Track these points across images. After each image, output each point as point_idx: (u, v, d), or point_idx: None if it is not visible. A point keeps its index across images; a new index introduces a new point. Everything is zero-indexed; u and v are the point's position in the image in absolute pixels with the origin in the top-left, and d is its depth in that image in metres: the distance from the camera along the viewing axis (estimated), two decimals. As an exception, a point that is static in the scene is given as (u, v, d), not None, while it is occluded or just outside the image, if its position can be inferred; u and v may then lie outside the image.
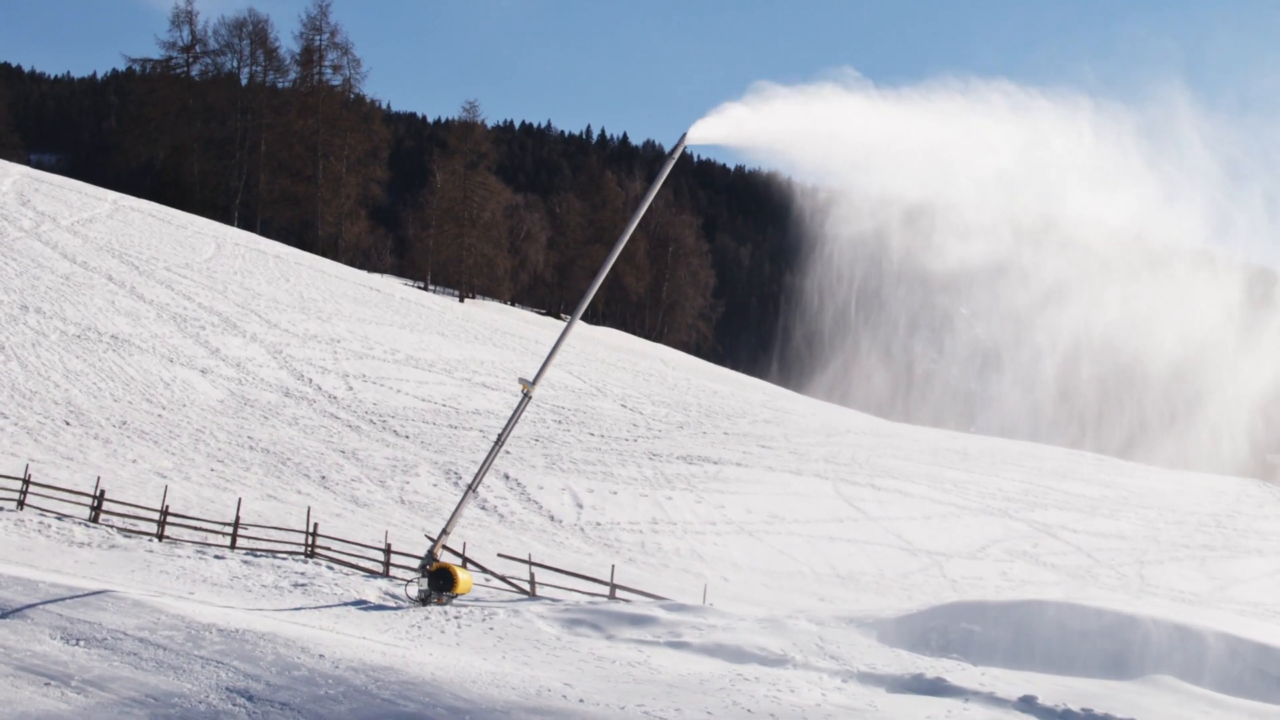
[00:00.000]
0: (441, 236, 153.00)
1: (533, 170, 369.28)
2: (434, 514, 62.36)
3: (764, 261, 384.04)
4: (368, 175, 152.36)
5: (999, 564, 67.58)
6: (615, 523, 64.54)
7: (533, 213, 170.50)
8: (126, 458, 63.06)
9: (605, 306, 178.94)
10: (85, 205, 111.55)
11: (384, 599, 35.96)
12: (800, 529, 67.68)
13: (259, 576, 37.03)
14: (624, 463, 73.83)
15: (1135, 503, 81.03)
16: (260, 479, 63.27)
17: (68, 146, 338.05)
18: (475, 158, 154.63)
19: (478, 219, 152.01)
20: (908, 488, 76.14)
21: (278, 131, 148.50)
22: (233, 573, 37.27)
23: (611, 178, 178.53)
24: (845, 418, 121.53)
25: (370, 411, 78.49)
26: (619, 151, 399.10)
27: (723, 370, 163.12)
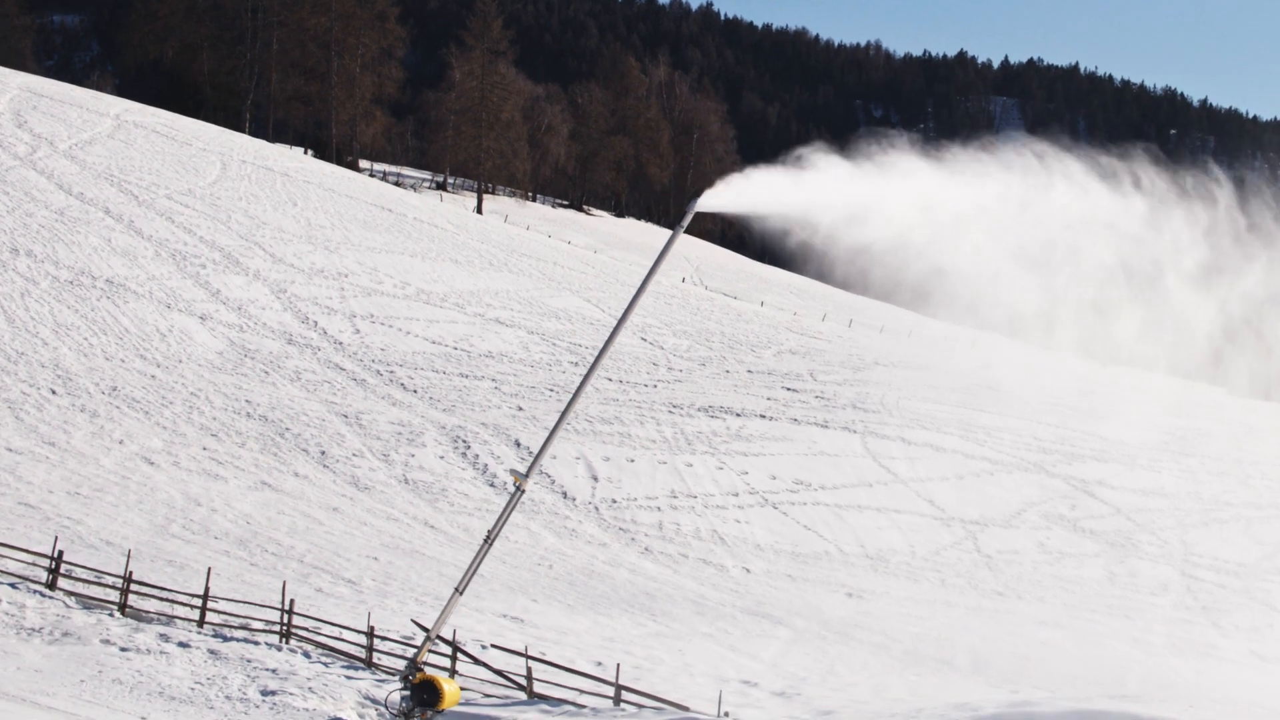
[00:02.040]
0: (459, 138, 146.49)
1: (558, 31, 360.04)
2: (439, 495, 57.40)
3: (791, 121, 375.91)
4: (383, 74, 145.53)
5: (1036, 532, 62.43)
6: (632, 499, 59.44)
7: (554, 105, 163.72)
8: (113, 437, 58.01)
9: (629, 196, 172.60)
10: (86, 123, 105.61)
11: (363, 713, 30.84)
12: (827, 497, 62.51)
13: (224, 680, 31.99)
14: (642, 419, 68.56)
15: (1175, 448, 75.51)
16: (255, 459, 58.20)
17: (89, 6, 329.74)
18: (493, 56, 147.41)
19: (496, 120, 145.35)
20: (939, 440, 70.78)
21: (290, 29, 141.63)
22: (196, 675, 32.23)
23: (634, 64, 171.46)
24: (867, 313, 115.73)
25: (377, 360, 73.23)
26: (646, 10, 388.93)
27: (746, 264, 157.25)
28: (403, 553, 49.35)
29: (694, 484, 61.88)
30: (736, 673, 38.05)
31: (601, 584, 49.24)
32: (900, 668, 42.59)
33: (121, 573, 39.14)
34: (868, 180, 20.03)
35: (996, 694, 37.55)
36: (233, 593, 40.48)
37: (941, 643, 47.09)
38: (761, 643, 43.48)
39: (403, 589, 44.16)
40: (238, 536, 47.74)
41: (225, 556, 45.16)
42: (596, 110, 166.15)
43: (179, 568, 42.68)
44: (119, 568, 40.96)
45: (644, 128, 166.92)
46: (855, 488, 64.13)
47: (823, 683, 37.25)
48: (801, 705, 33.49)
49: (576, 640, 39.78)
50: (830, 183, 19.80)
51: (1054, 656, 46.96)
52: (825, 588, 53.47)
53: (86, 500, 49.08)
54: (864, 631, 47.25)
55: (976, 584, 56.60)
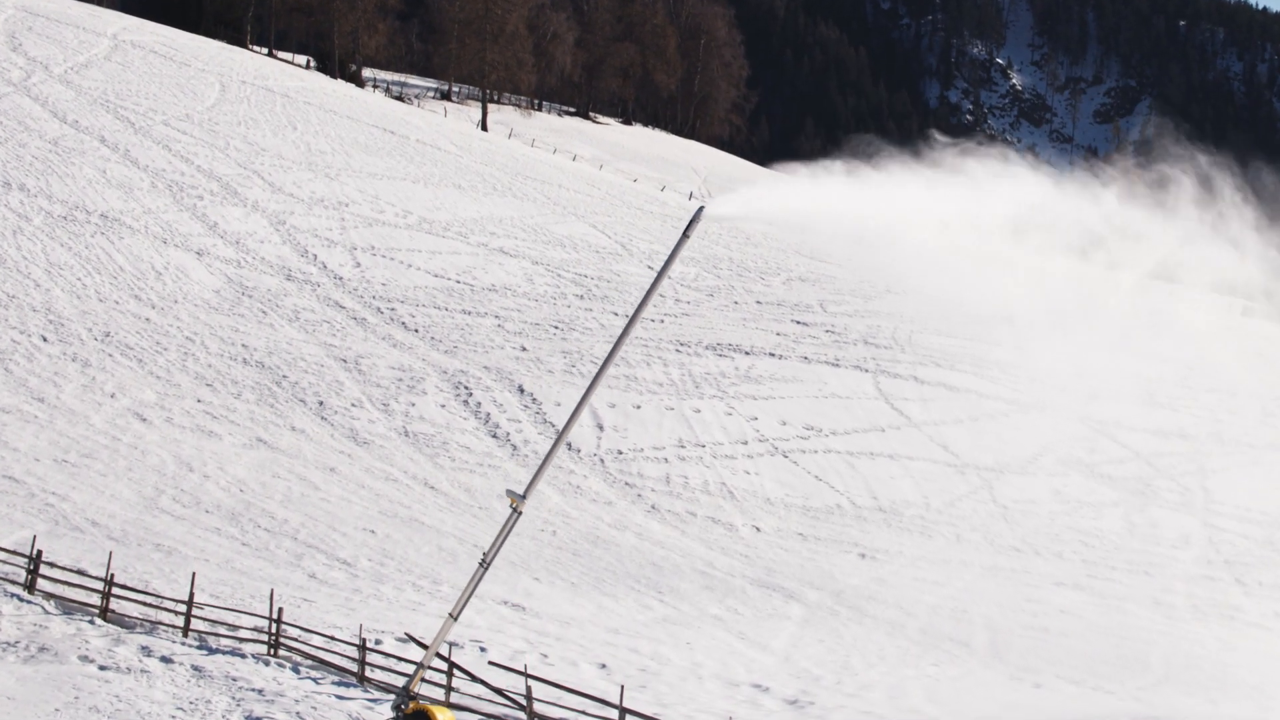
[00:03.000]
0: (463, 50, 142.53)
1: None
2: (440, 450, 55.06)
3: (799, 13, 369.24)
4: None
5: (1052, 479, 60.02)
6: (638, 449, 57.01)
7: (559, 13, 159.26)
8: (105, 390, 55.58)
9: (636, 103, 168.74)
10: (83, 45, 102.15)
11: (349, 740, 28.58)
12: (838, 444, 60.05)
13: (208, 705, 29.66)
14: (649, 359, 65.96)
15: (1195, 384, 72.83)
16: (251, 411, 55.78)
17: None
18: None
19: (500, 32, 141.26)
20: (952, 379, 68.16)
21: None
22: (178, 698, 29.89)
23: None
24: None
25: (378, 296, 70.56)
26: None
27: (754, 171, 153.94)
28: (401, 522, 47.02)
29: (702, 432, 59.41)
30: (746, 672, 35.73)
31: (606, 553, 46.91)
32: (918, 653, 40.30)
33: (105, 564, 36.82)
34: (873, 191, 19.08)
35: (1018, 697, 35.23)
36: (222, 582, 38.19)
37: (958, 616, 44.82)
38: (772, 626, 41.18)
39: (400, 570, 41.84)
40: (229, 509, 45.37)
41: (216, 535, 42.81)
42: (602, 17, 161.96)
43: (166, 553, 40.34)
44: (104, 555, 38.65)
45: (650, 34, 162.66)
46: (867, 433, 61.65)
47: (837, 685, 34.94)
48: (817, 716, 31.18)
49: (580, 634, 37.45)
50: (836, 195, 19.03)
51: (1074, 628, 44.70)
52: (837, 548, 51.14)
53: (74, 470, 46.67)
54: (878, 604, 44.96)
55: (992, 539, 54.26)
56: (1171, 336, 75.31)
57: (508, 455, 55.66)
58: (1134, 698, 37.33)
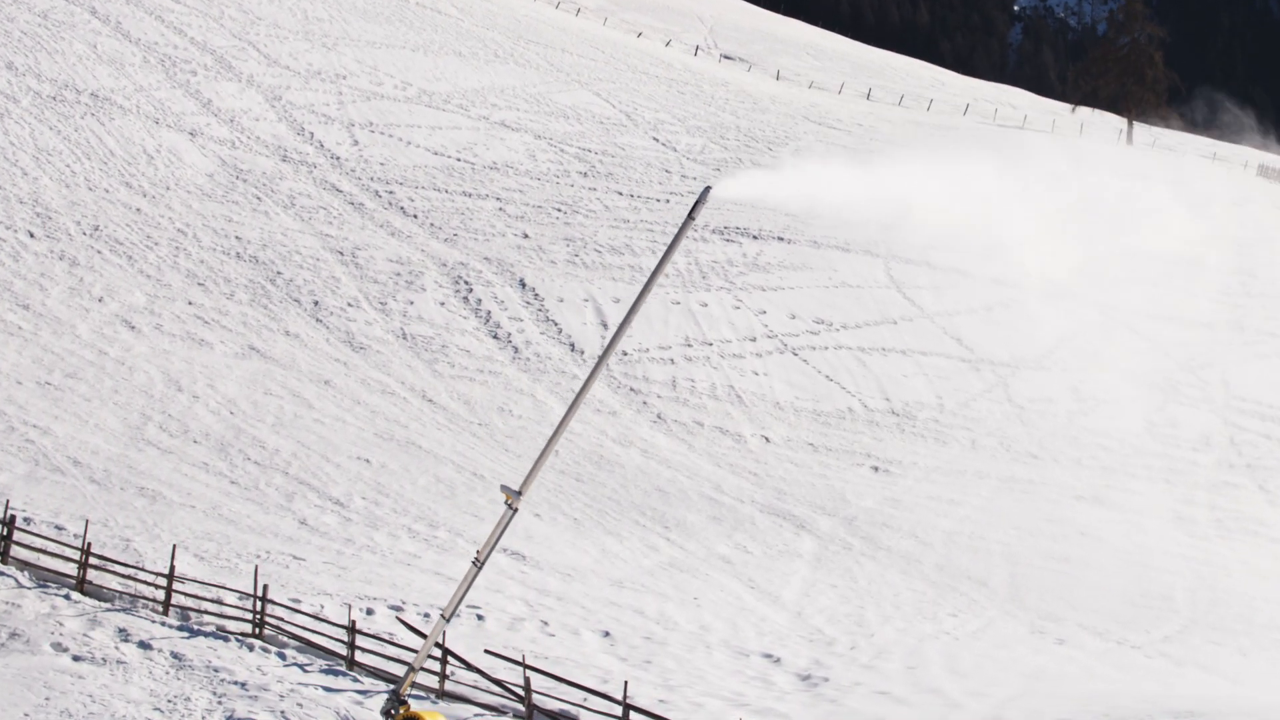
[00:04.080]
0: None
1: None
2: (439, 354, 52.26)
3: None
4: None
5: (1069, 376, 57.26)
6: (644, 350, 54.16)
7: None
8: (93, 294, 52.70)
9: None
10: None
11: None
12: (849, 339, 57.14)
13: (187, 704, 27.17)
14: (654, 246, 62.82)
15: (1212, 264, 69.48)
16: (244, 314, 52.89)
17: None
18: None
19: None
20: (963, 263, 64.82)
21: None
22: (155, 695, 27.47)
23: None
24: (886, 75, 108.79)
25: (376, 177, 67.15)
26: None
27: (762, 20, 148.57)
28: (397, 446, 44.33)
29: (709, 328, 56.46)
30: (757, 635, 33.23)
31: (611, 478, 44.28)
32: (935, 598, 37.84)
33: (85, 519, 34.28)
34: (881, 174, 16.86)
35: (1042, 661, 32.70)
36: (208, 536, 35.68)
37: (976, 544, 42.34)
38: (783, 569, 38.71)
39: (394, 510, 39.26)
40: (218, 438, 42.66)
41: (203, 473, 40.14)
42: None
43: (151, 498, 37.72)
44: (85, 504, 36.08)
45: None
46: (879, 326, 58.69)
47: (852, 652, 32.48)
48: (829, 708, 28.66)
49: (582, 590, 34.91)
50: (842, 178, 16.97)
51: (1095, 557, 42.22)
52: (849, 460, 48.48)
53: (57, 395, 43.91)
54: (892, 533, 42.39)
55: (1009, 444, 51.57)
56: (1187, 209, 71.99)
57: (509, 359, 52.81)
58: (1160, 651, 34.90)
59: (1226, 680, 33.27)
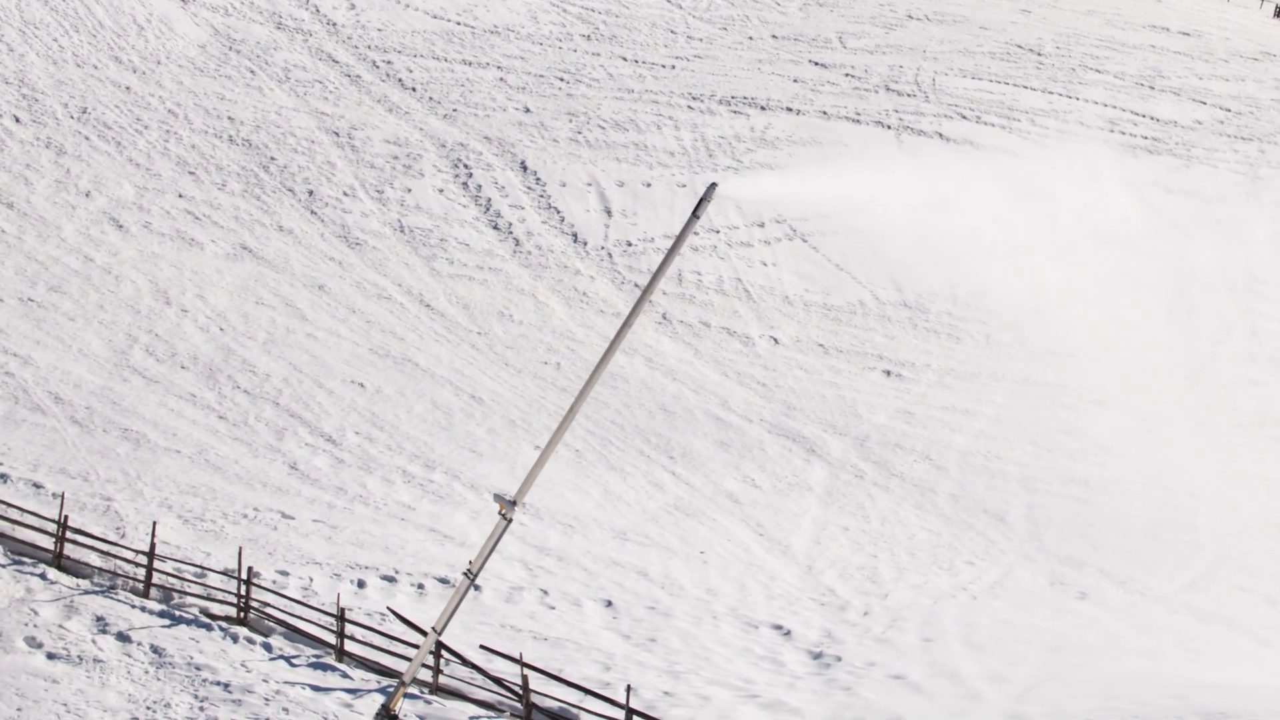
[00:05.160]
0: None
1: None
2: (437, 249, 49.52)
3: None
4: None
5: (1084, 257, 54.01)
6: (648, 240, 51.37)
7: None
8: (79, 188, 49.84)
9: None
10: None
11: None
12: (859, 222, 54.06)
13: (167, 707, 25.04)
14: (659, 121, 59.47)
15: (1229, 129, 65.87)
16: (235, 208, 50.08)
17: None
18: None
19: None
20: (979, 135, 61.44)
21: None
22: (133, 700, 25.43)
23: None
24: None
25: (373, 45, 63.53)
26: None
27: None
28: (393, 365, 41.83)
29: (716, 214, 53.49)
30: (766, 600, 31.12)
31: (614, 395, 41.83)
32: (950, 540, 35.60)
33: (63, 469, 32.05)
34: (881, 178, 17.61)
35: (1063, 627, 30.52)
36: (192, 490, 33.42)
37: (992, 469, 40.03)
38: (792, 508, 36.46)
39: (389, 448, 36.91)
40: (207, 362, 40.15)
41: (190, 407, 37.71)
42: None
43: (135, 443, 35.38)
44: (65, 451, 33.76)
45: None
46: (890, 207, 55.36)
47: (864, 621, 30.32)
48: (842, 698, 26.54)
49: (584, 547, 32.71)
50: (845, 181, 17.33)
51: (1115, 481, 39.81)
52: (861, 364, 45.95)
53: (40, 315, 41.37)
54: (905, 455, 40.04)
55: (1024, 339, 48.90)
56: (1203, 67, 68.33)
57: (509, 253, 49.98)
58: (1185, 604, 32.79)
59: (1253, 640, 31.12)
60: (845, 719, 25.72)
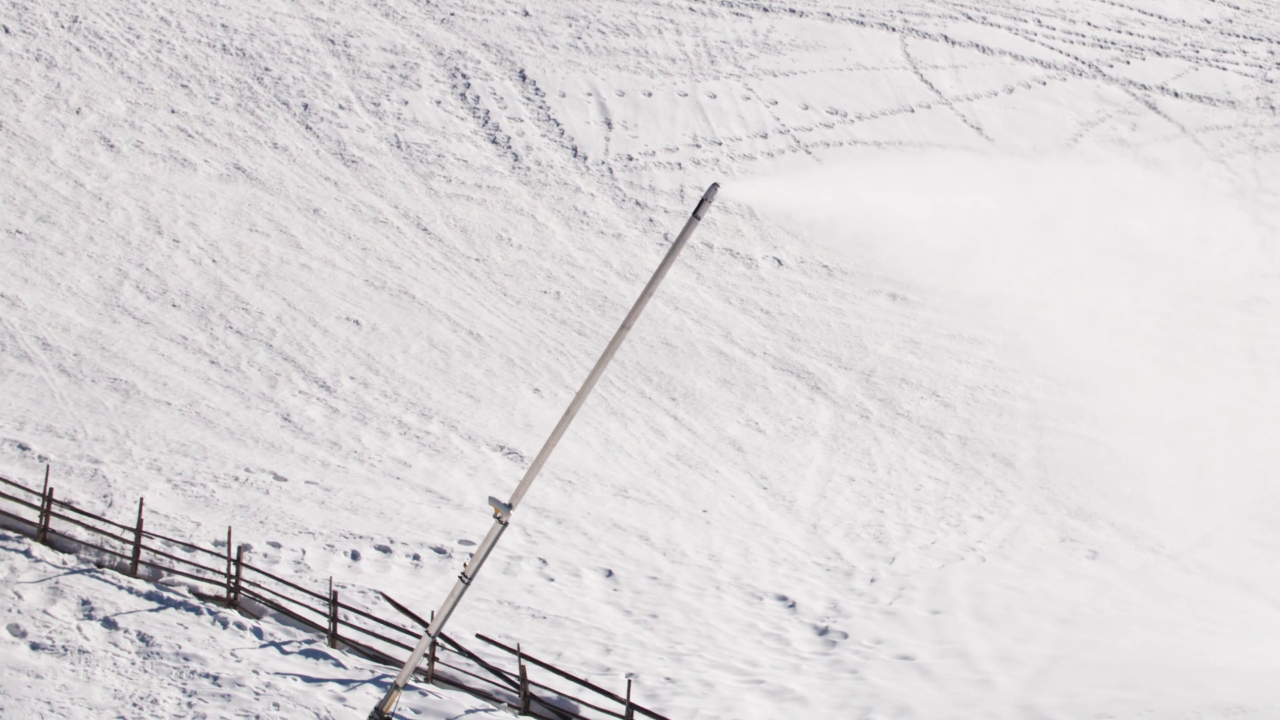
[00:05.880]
0: None
1: None
2: (434, 166, 47.54)
3: None
4: None
5: (1094, 168, 51.77)
6: (649, 153, 49.10)
7: None
8: (69, 104, 47.67)
9: None
10: None
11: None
12: (864, 132, 51.96)
13: (154, 704, 23.49)
14: (660, 25, 56.86)
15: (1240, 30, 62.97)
16: (229, 124, 47.86)
17: None
18: None
19: None
20: (986, 36, 58.64)
21: None
22: (120, 695, 23.85)
23: None
24: None
25: (369, -57, 60.27)
26: None
27: None
28: (389, 298, 39.91)
29: (718, 124, 51.08)
30: (770, 566, 29.52)
31: (614, 324, 39.85)
32: (958, 488, 33.87)
33: (52, 427, 30.31)
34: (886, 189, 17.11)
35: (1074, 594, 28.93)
36: (182, 449, 31.66)
37: (1000, 406, 38.21)
38: (797, 456, 34.69)
39: (384, 395, 35.13)
40: (199, 298, 38.22)
41: (181, 351, 35.88)
42: None
43: (124, 394, 33.64)
44: (53, 405, 32.01)
45: None
46: (895, 115, 53.15)
47: (871, 591, 28.72)
48: (849, 684, 25.02)
49: (583, 506, 31.07)
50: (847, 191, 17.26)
51: (1124, 417, 37.91)
52: (865, 287, 43.99)
53: (29, 249, 39.40)
54: (912, 391, 38.23)
55: (1032, 257, 46.58)
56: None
57: (508, 169, 47.73)
58: (1198, 562, 31.15)
59: (1269, 604, 29.54)
60: (852, 708, 24.17)
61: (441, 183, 46.56)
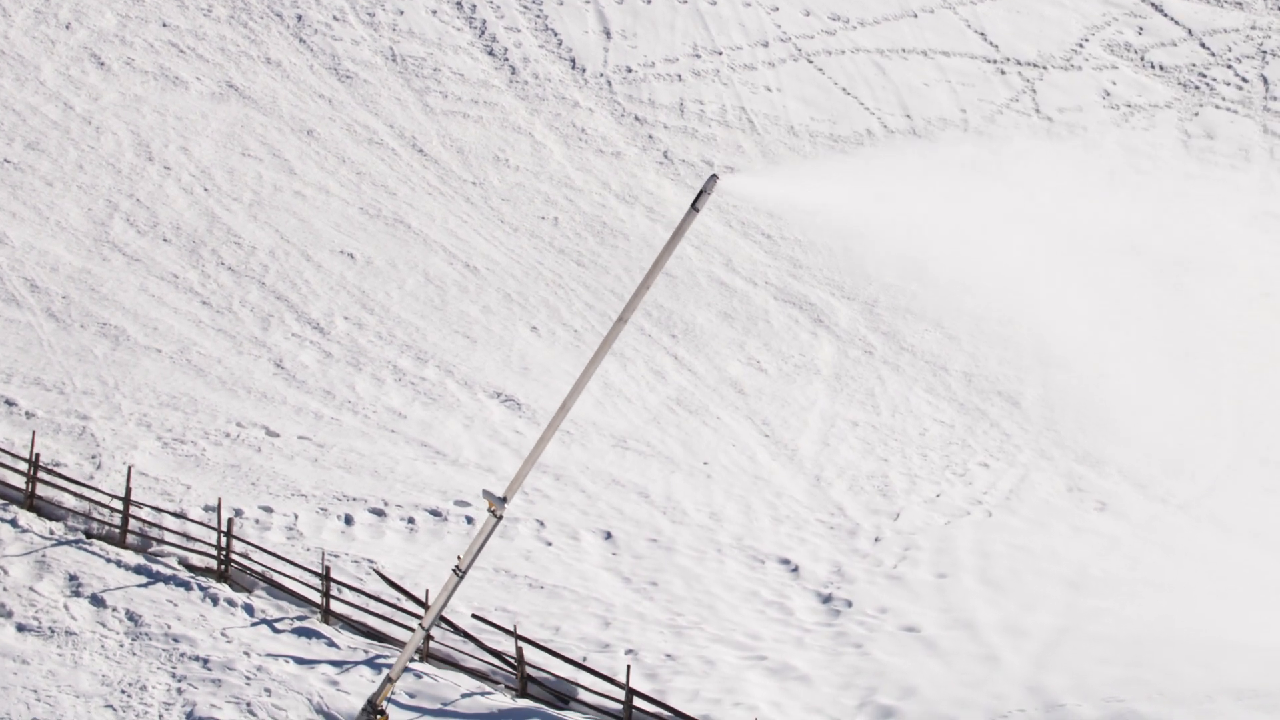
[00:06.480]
0: None
1: None
2: (430, 81, 45.55)
3: None
4: None
5: (1100, 74, 49.96)
6: (649, 65, 47.05)
7: None
8: (60, 19, 45.44)
9: None
10: None
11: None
12: (867, 39, 49.75)
13: (142, 693, 22.29)
14: (659, -77, 53.81)
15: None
16: (221, 37, 45.96)
17: None
18: None
19: None
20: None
21: None
22: (108, 680, 22.64)
23: None
24: None
25: None
26: None
27: None
28: (384, 227, 38.14)
29: (718, 33, 48.75)
30: (773, 526, 28.10)
31: (614, 257, 38.30)
32: (964, 431, 32.37)
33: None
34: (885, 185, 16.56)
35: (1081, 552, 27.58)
36: (172, 403, 30.15)
37: (1006, 337, 36.50)
38: (801, 395, 33.10)
39: (379, 336, 33.59)
40: (190, 232, 36.48)
41: (172, 290, 34.25)
42: None
43: (113, 342, 32.12)
44: (40, 353, 30.48)
45: None
46: (898, 20, 50.75)
47: (876, 550, 27.32)
48: (853, 660, 23.76)
49: (583, 456, 29.61)
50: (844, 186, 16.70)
51: (1131, 347, 36.23)
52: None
53: (17, 179, 37.63)
54: (917, 321, 36.51)
55: (1037, 173, 44.64)
56: None
57: (505, 83, 45.59)
58: (1208, 512, 29.76)
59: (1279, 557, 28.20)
60: (857, 688, 22.93)
61: (438, 99, 44.44)
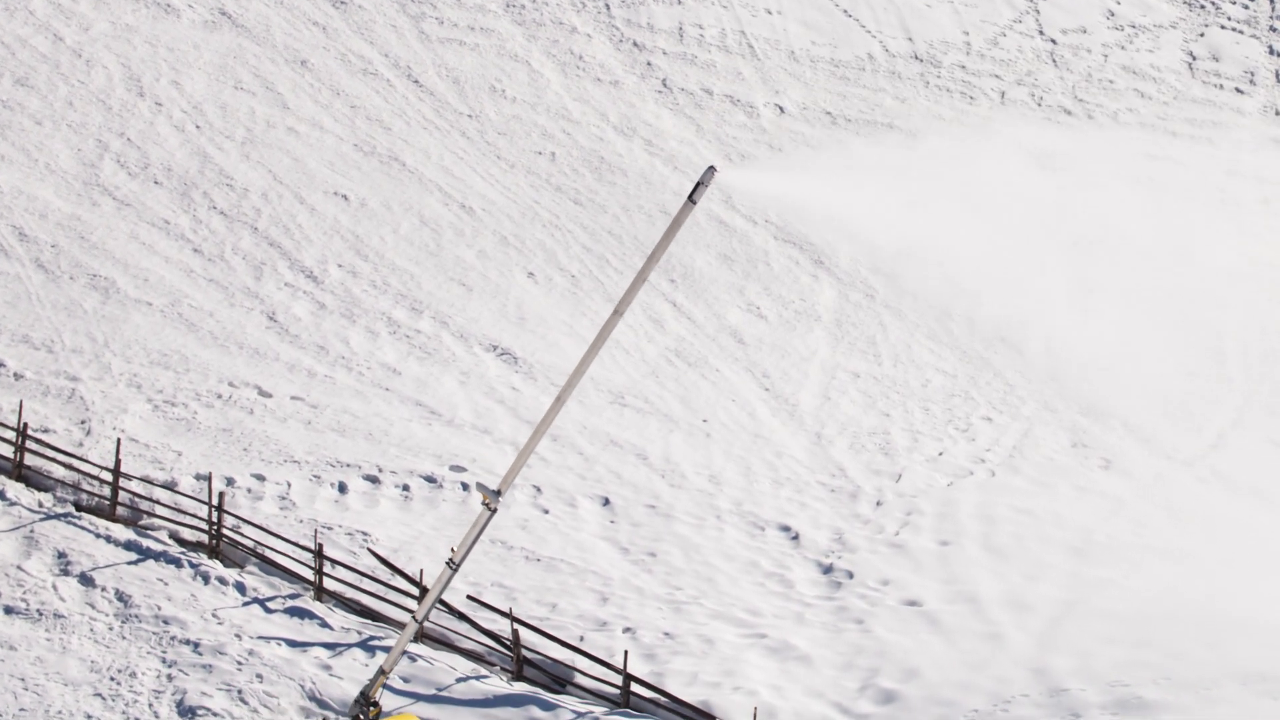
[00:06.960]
0: None
1: None
2: (425, 5, 43.33)
3: None
4: None
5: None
6: (648, -11, 44.94)
7: None
8: (47, -57, 43.14)
9: None
10: None
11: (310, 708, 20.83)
12: (870, -43, 47.53)
13: (132, 681, 21.46)
14: None
15: None
16: (213, -38, 43.55)
17: None
18: None
19: None
20: None
21: None
22: (97, 666, 21.81)
23: None
24: None
25: None
26: None
27: None
28: (379, 165, 36.73)
29: (719, -49, 46.71)
30: (773, 490, 27.06)
31: (611, 196, 36.86)
32: (967, 382, 31.23)
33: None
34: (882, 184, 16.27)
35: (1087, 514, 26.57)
36: (164, 360, 28.98)
37: (1008, 277, 34.91)
38: (801, 345, 31.92)
39: (373, 285, 32.42)
40: (181, 174, 35.09)
41: (163, 238, 32.98)
42: None
43: (104, 295, 31.10)
44: (29, 310, 29.30)
45: None
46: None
47: (878, 516, 26.31)
48: (855, 638, 22.85)
49: (581, 415, 28.50)
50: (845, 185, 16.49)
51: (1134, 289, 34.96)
52: (870, 135, 40.50)
53: (5, 120, 36.39)
54: (919, 266, 34.99)
55: (1041, 93, 43.36)
56: None
57: (502, 6, 43.89)
58: (1213, 469, 28.71)
59: (1284, 515, 27.24)
60: (858, 669, 22.04)
61: (433, 25, 42.68)
